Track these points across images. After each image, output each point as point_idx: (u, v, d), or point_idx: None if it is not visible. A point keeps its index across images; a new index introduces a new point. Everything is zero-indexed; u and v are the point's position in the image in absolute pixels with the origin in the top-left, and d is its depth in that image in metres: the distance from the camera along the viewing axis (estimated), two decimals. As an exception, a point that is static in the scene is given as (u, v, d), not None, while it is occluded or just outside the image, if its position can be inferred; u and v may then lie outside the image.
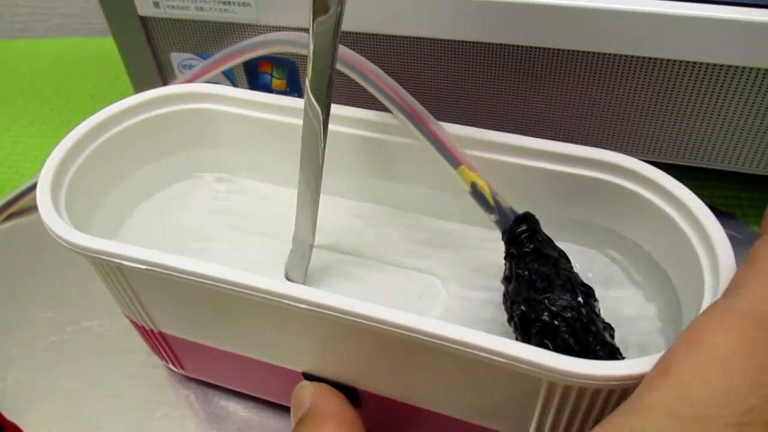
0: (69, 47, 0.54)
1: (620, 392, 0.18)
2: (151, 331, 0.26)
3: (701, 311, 0.17)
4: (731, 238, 0.26)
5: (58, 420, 0.29)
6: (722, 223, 0.21)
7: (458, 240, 0.26)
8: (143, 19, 0.34)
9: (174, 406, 0.29)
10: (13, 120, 0.46)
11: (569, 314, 0.19)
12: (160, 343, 0.27)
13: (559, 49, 0.30)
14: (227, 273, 0.20)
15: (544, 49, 0.30)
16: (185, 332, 0.25)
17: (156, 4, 0.33)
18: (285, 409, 0.28)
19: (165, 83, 0.37)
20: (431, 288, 0.25)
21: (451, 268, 0.25)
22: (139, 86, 0.38)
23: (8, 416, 0.28)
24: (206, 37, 0.34)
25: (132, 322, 0.26)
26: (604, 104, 0.31)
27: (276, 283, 0.20)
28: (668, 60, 0.29)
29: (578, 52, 0.30)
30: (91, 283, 0.32)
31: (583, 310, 0.19)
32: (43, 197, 0.23)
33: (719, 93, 0.29)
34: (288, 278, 0.26)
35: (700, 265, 0.20)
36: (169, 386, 0.30)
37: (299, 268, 0.25)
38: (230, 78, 0.36)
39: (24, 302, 0.33)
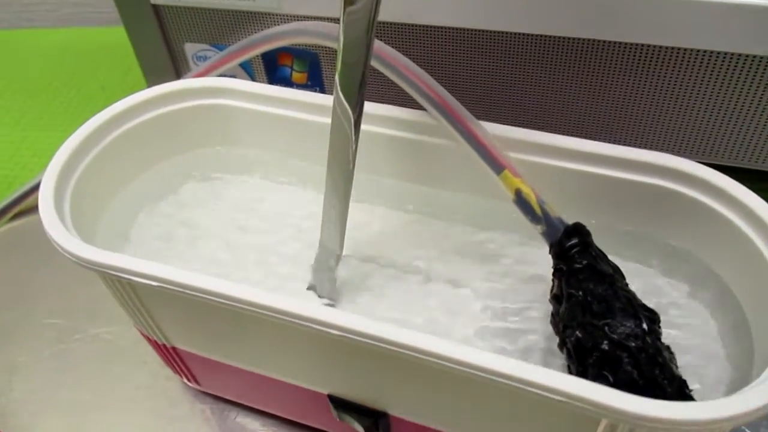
0: (79, 37, 0.53)
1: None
2: (164, 346, 0.24)
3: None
4: None
5: (64, 435, 0.27)
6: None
7: (499, 251, 0.24)
8: (156, 8, 0.32)
9: (189, 421, 0.27)
10: (21, 113, 0.44)
11: (633, 343, 0.17)
12: (173, 357, 0.25)
13: (609, 41, 0.27)
14: (247, 293, 0.18)
15: (592, 40, 0.28)
16: (200, 348, 0.23)
17: (170, -10, 0.31)
18: (306, 428, 0.26)
19: (179, 75, 0.35)
20: (468, 304, 0.23)
21: (492, 283, 0.23)
22: (151, 78, 0.36)
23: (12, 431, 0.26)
24: (223, 27, 0.32)
25: (143, 335, 0.24)
26: (653, 99, 0.29)
27: (302, 305, 0.17)
28: (723, 53, 0.26)
29: (629, 44, 0.27)
30: (100, 288, 0.30)
31: (648, 339, 0.17)
32: (45, 205, 0.21)
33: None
34: (315, 291, 0.24)
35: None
36: (184, 400, 0.28)
37: (327, 280, 0.23)
38: (248, 71, 0.34)
39: (30, 307, 0.32)
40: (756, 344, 0.19)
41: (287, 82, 0.34)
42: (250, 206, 0.27)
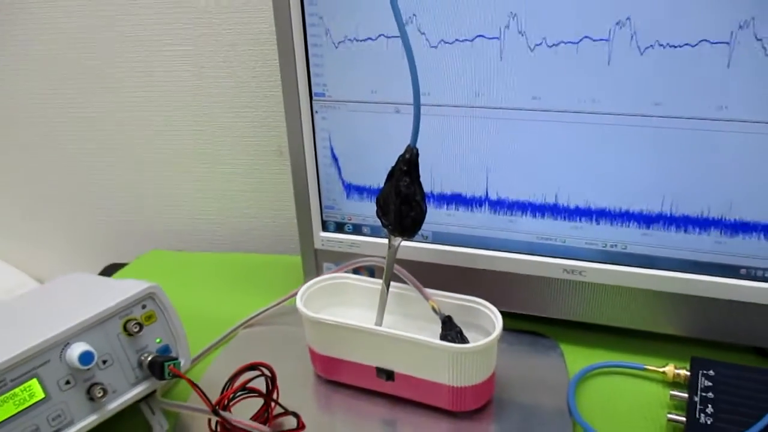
0: (247, 259, 1.10)
1: (468, 354, 0.67)
2: (320, 355, 0.75)
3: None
4: (545, 347, 0.78)
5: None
6: (539, 342, 0.74)
7: (428, 326, 0.76)
8: (316, 251, 0.88)
9: (315, 393, 0.77)
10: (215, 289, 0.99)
11: (453, 336, 0.69)
12: (321, 359, 0.76)
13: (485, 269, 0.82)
14: (357, 325, 0.70)
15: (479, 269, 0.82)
16: (331, 352, 0.75)
17: (323, 244, 0.87)
18: (362, 390, 0.76)
19: (318, 273, 0.90)
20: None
21: (427, 333, 0.74)
22: (307, 272, 0.90)
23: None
24: (340, 258, 0.88)
25: (311, 351, 0.76)
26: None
27: (371, 327, 0.70)
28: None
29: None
30: (296, 364, 0.81)
31: (457, 334, 0.69)
32: (301, 305, 0.75)
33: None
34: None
35: (495, 328, 0.70)
36: (315, 383, 0.78)
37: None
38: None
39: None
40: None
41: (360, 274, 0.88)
42: (357, 313, 0.79)
